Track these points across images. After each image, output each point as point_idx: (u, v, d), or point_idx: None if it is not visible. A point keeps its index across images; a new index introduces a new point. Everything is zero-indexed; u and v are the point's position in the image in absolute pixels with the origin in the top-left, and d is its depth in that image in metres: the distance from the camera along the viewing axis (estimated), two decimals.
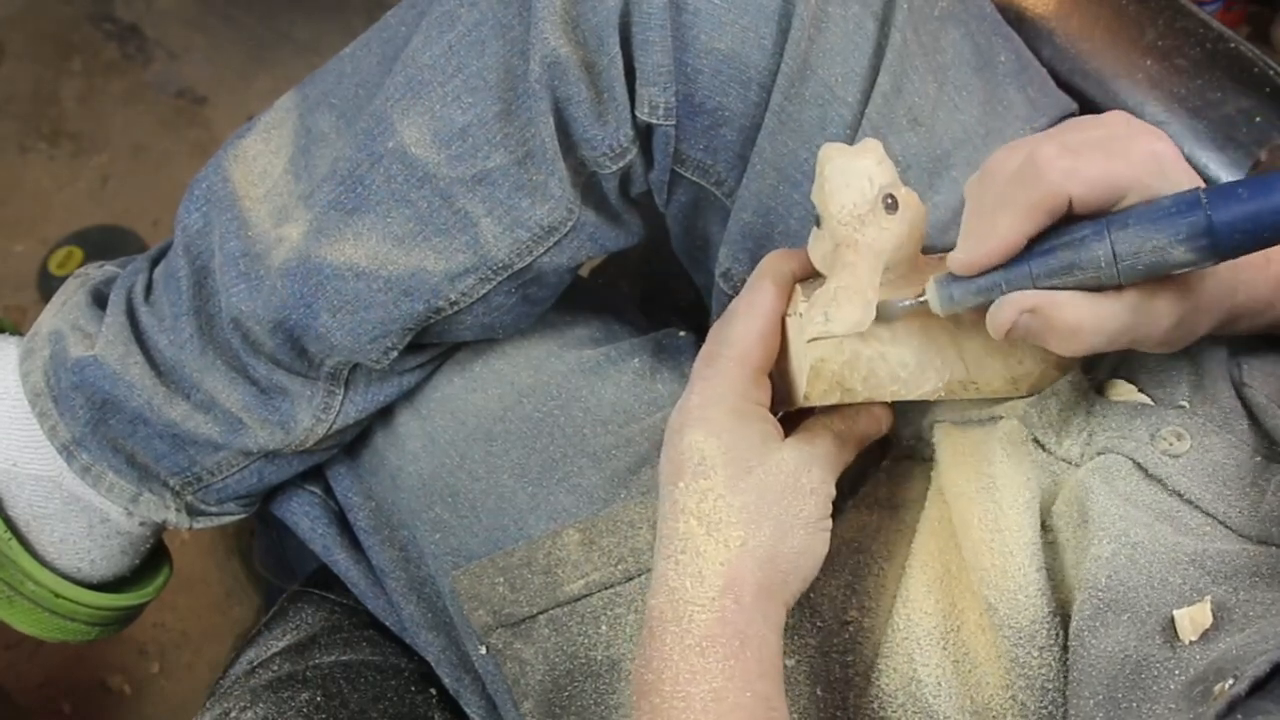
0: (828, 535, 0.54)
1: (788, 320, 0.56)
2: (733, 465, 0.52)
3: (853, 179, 0.51)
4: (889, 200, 0.51)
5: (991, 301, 0.48)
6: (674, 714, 0.48)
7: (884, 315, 0.52)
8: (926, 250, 0.55)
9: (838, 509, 0.64)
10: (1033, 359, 0.53)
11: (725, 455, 0.52)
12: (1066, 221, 0.46)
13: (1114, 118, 0.47)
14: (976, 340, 0.52)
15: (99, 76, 1.61)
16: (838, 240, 0.52)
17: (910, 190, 0.53)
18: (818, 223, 0.53)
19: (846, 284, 0.52)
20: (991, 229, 0.46)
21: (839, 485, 0.66)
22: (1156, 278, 0.45)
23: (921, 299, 0.51)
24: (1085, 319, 0.46)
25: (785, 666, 0.57)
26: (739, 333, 0.55)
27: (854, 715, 0.55)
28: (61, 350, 0.68)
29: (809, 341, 0.53)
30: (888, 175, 0.52)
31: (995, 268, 0.47)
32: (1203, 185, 0.43)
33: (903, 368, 0.52)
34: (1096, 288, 0.46)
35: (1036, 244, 0.46)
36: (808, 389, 0.54)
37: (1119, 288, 0.46)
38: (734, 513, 0.51)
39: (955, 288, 0.49)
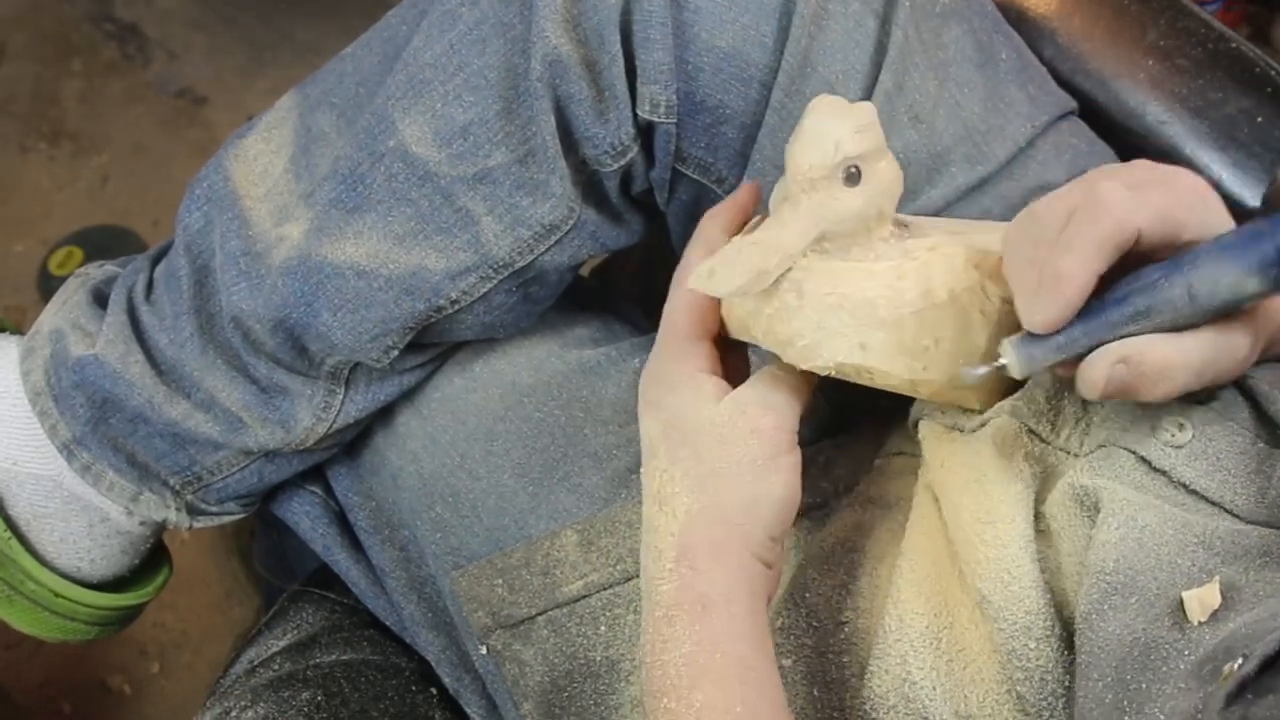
0: (786, 475, 0.52)
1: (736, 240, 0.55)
2: (670, 437, 0.53)
3: (820, 140, 0.50)
4: (852, 171, 0.50)
5: (1068, 356, 0.47)
6: (654, 683, 0.49)
7: (957, 383, 0.51)
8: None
9: (830, 508, 0.64)
10: (939, 368, 0.51)
11: (663, 431, 0.53)
12: (1123, 270, 0.46)
13: (1139, 164, 0.47)
14: (882, 334, 0.50)
15: (99, 76, 1.61)
16: (785, 194, 0.51)
17: (892, 164, 0.51)
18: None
19: (759, 241, 0.51)
20: (1062, 277, 0.45)
21: (833, 484, 0.65)
22: (1229, 312, 0.46)
23: (999, 364, 0.49)
24: (1174, 358, 0.45)
25: (782, 666, 0.57)
26: (670, 306, 0.56)
27: (848, 717, 0.55)
28: (62, 349, 0.68)
29: (689, 289, 0.53)
30: (861, 146, 0.50)
31: (1072, 323, 0.46)
32: (1262, 218, 0.44)
33: (799, 337, 0.51)
34: (1172, 329, 0.46)
35: (1107, 294, 0.46)
36: (724, 321, 0.54)
37: (1193, 326, 0.46)
38: (676, 483, 0.52)
39: (1035, 348, 0.47)
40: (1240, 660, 0.40)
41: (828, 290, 0.50)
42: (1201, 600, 0.45)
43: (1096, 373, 0.46)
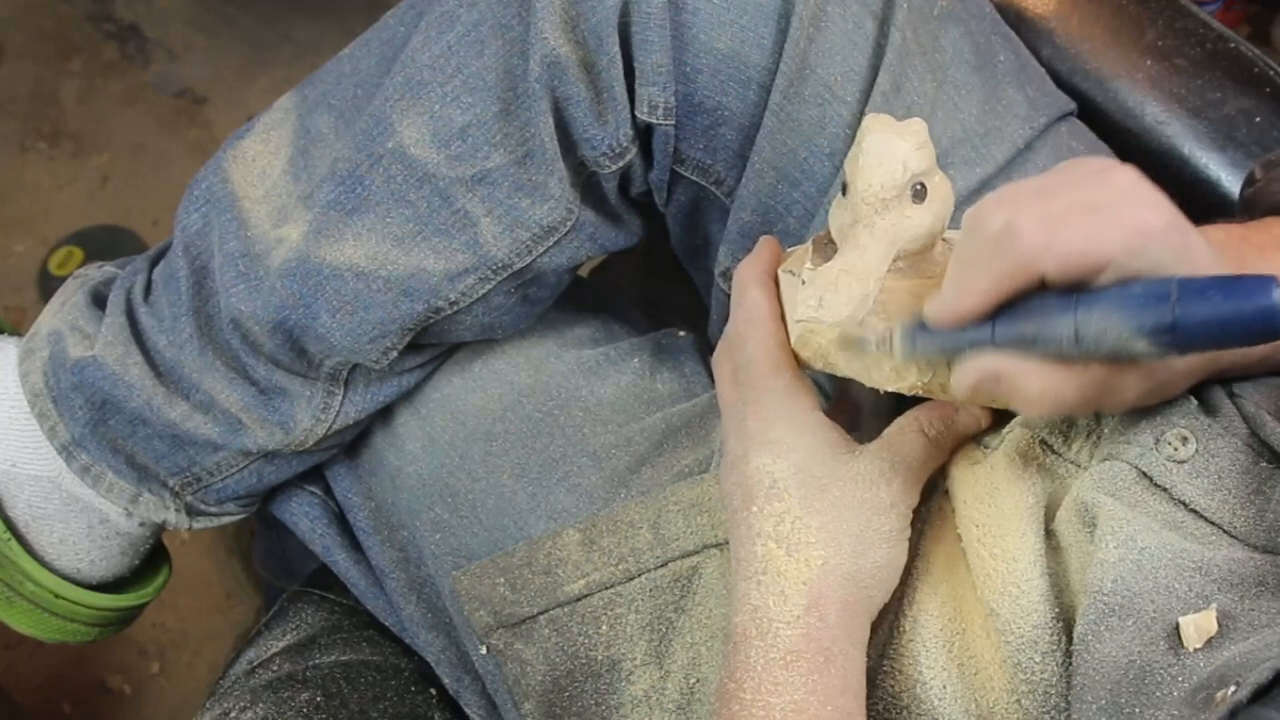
0: (906, 545, 0.54)
1: (784, 276, 0.56)
2: (805, 485, 0.52)
3: (887, 160, 0.50)
4: (918, 188, 0.51)
5: (946, 357, 0.48)
6: None
7: (850, 348, 0.52)
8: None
9: None
10: None
11: (796, 476, 0.52)
12: (1042, 287, 0.46)
13: (1119, 177, 0.45)
14: None
15: (99, 76, 1.61)
16: (857, 217, 0.51)
17: (945, 179, 0.52)
18: (844, 191, 0.52)
19: (850, 268, 0.51)
20: (965, 289, 0.46)
21: None
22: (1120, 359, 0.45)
23: (887, 343, 0.50)
24: (1045, 391, 0.46)
25: None
26: (756, 348, 0.55)
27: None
28: (61, 351, 0.68)
29: (797, 321, 0.53)
30: (924, 162, 0.51)
31: (962, 328, 0.47)
32: (1180, 277, 0.42)
33: (887, 360, 0.52)
34: (1057, 359, 0.45)
35: (1006, 307, 0.46)
36: (795, 350, 0.54)
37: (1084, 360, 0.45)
38: (812, 533, 0.51)
39: (920, 339, 0.49)
40: (1233, 688, 0.40)
41: (912, 309, 0.51)
42: (1198, 626, 0.45)
43: (966, 378, 0.47)
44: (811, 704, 0.49)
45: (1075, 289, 0.44)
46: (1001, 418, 0.57)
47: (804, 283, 0.53)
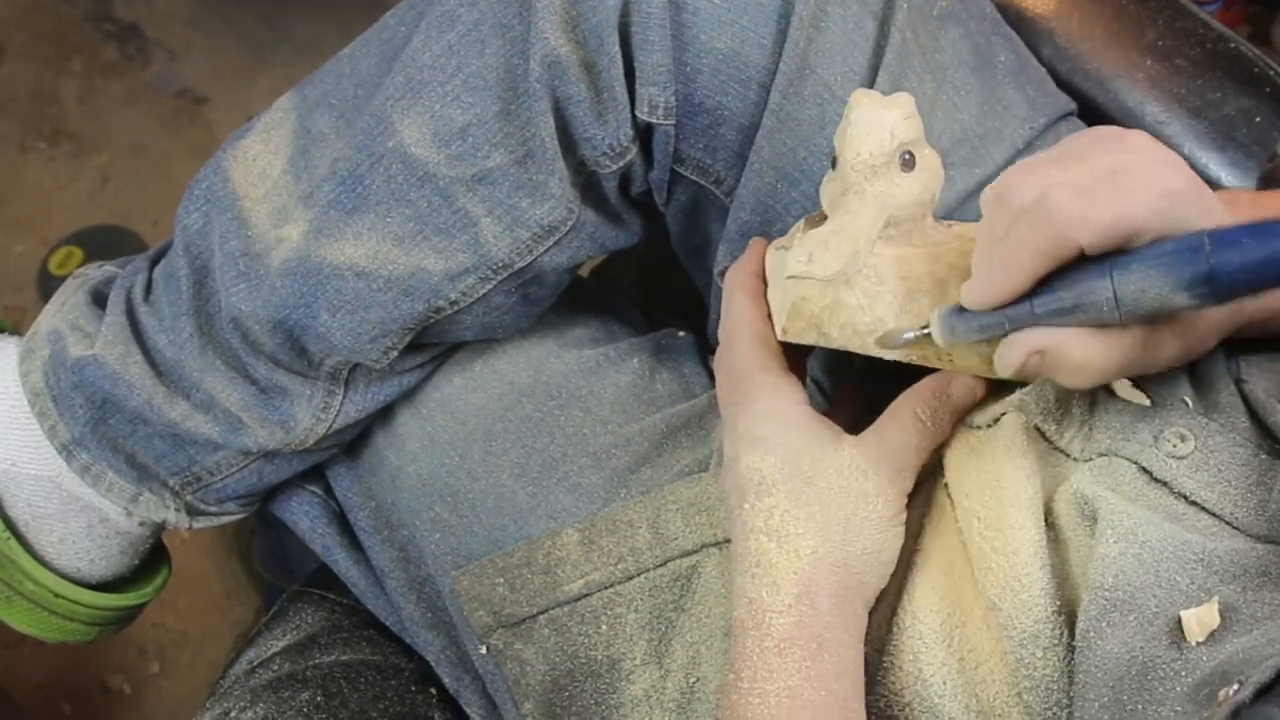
0: (901, 530, 0.54)
1: (775, 254, 0.56)
2: (792, 479, 0.53)
3: (875, 129, 0.51)
4: (906, 157, 0.52)
5: (987, 337, 0.49)
6: (748, 709, 0.50)
7: (886, 344, 0.52)
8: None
9: None
10: None
11: (783, 470, 0.53)
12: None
13: (1135, 140, 0.46)
14: None
15: (99, 76, 1.61)
16: (847, 186, 0.52)
17: (934, 152, 0.53)
18: (833, 164, 0.53)
19: (841, 229, 0.52)
20: (1002, 268, 0.46)
21: None
22: (1158, 318, 0.45)
23: (925, 330, 0.51)
24: (1091, 358, 0.46)
25: None
26: (741, 349, 0.56)
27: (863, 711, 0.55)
28: (61, 350, 0.68)
29: (788, 278, 0.53)
30: (911, 132, 0.52)
31: (998, 306, 0.47)
32: (1210, 228, 0.43)
33: (880, 324, 0.52)
34: (1098, 325, 0.46)
35: (1042, 282, 0.46)
36: (786, 324, 0.54)
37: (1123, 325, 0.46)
38: (800, 524, 0.52)
39: (958, 322, 0.49)
40: (1236, 686, 0.40)
41: (904, 274, 0.52)
42: (1200, 620, 0.45)
43: (1012, 357, 0.48)
44: (805, 689, 0.49)
45: (1107, 255, 0.44)
46: (994, 389, 0.57)
47: (791, 250, 0.54)
